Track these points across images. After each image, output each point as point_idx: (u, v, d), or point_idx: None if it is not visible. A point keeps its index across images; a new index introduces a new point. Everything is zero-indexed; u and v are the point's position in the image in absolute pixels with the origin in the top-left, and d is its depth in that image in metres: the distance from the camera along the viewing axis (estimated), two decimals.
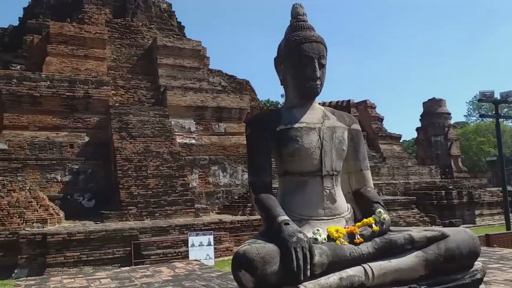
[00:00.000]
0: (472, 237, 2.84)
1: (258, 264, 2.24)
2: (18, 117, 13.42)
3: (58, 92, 13.85)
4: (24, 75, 13.55)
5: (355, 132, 3.10)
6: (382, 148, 24.47)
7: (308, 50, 2.89)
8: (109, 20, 18.79)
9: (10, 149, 13.05)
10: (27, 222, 9.16)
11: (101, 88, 14.50)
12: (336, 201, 2.85)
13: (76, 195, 13.35)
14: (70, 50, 15.67)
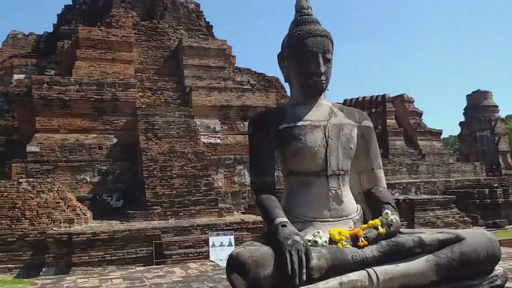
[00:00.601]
0: (490, 240, 2.69)
1: (251, 267, 2.19)
2: (49, 120, 13.97)
3: (87, 95, 14.31)
4: (54, 80, 14.09)
5: (366, 129, 2.98)
6: (421, 145, 23.73)
7: (311, 45, 2.80)
8: (136, 23, 19.23)
9: (42, 152, 13.62)
10: (55, 222, 9.53)
11: (128, 91, 14.87)
12: (342, 202, 2.76)
13: (104, 196, 13.77)
14: (98, 54, 16.16)
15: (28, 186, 9.94)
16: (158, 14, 25.27)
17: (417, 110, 24.80)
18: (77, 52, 15.85)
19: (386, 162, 19.33)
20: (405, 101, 24.46)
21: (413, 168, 20.02)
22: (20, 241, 8.89)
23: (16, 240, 8.86)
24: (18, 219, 9.16)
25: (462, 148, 28.50)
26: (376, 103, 22.52)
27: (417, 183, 19.06)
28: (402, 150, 21.25)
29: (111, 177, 14.13)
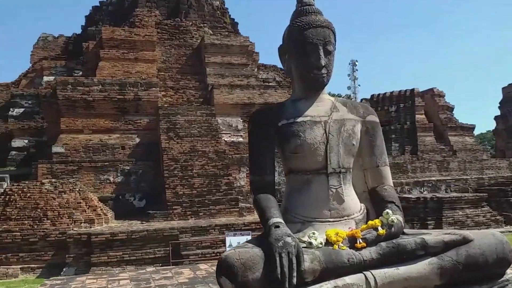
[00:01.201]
0: (501, 241, 2.54)
1: (239, 270, 2.14)
2: (73, 121, 14.38)
3: (110, 95, 14.64)
4: (78, 81, 14.49)
5: (371, 124, 2.88)
6: (452, 141, 22.97)
7: (311, 37, 2.72)
8: (159, 22, 19.49)
9: (66, 152, 14.04)
10: (75, 222, 9.80)
11: (150, 90, 15.10)
12: (344, 201, 2.68)
13: (127, 195, 14.05)
14: (121, 54, 16.49)
15: (50, 187, 10.27)
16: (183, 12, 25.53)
17: (448, 104, 24.00)
18: (100, 53, 16.24)
19: (414, 159, 18.83)
20: (435, 95, 23.71)
21: (443, 165, 19.39)
22: (42, 241, 9.19)
23: (38, 240, 9.17)
24: (40, 219, 9.48)
25: (498, 144, 27.36)
26: (404, 98, 21.93)
27: (448, 180, 18.45)
28: (432, 147, 20.64)
29: (134, 177, 14.40)
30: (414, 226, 13.08)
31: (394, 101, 22.36)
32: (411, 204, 13.40)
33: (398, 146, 20.87)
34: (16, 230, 9.15)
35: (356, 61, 42.13)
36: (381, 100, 23.89)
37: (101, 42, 16.71)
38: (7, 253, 8.93)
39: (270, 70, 35.10)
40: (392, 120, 22.11)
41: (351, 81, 41.52)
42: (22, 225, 9.25)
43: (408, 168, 18.52)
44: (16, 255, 8.98)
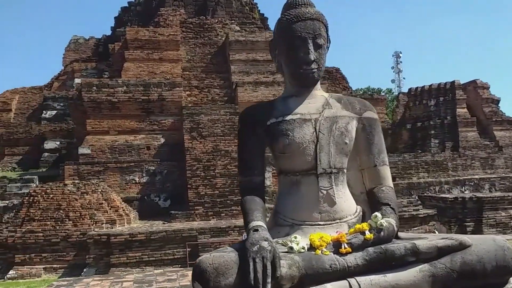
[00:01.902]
0: (502, 247, 2.40)
1: (211, 275, 2.11)
2: (99, 122, 14.80)
3: (134, 96, 14.96)
4: (103, 82, 14.90)
5: (368, 121, 2.78)
6: (498, 136, 21.87)
7: (300, 30, 2.65)
8: (183, 20, 19.73)
9: (93, 153, 14.48)
10: (97, 223, 10.08)
11: (173, 90, 15.32)
12: (335, 203, 2.61)
13: (152, 196, 14.32)
14: (146, 54, 16.82)
15: (73, 188, 10.61)
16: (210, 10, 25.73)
17: (493, 97, 22.89)
18: (125, 54, 16.62)
19: (456, 156, 18.13)
20: (479, 88, 22.64)
21: (487, 162, 18.55)
22: (63, 241, 9.51)
23: (60, 241, 9.49)
24: (62, 220, 9.81)
25: None
26: (444, 91, 21.11)
27: (492, 179, 17.62)
28: (475, 142, 19.78)
29: (159, 177, 14.66)
30: (452, 228, 12.63)
31: (433, 95, 21.58)
32: (448, 204, 12.94)
33: (438, 143, 20.14)
34: (39, 230, 9.51)
35: (400, 53, 40.87)
36: (419, 94, 23.15)
37: (126, 43, 17.11)
38: (30, 253, 9.31)
39: None
40: (431, 115, 21.35)
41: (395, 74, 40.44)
42: (45, 226, 9.61)
43: (449, 166, 17.85)
44: (39, 255, 9.34)
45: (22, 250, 9.31)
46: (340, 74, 38.34)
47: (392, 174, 13.98)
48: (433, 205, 13.55)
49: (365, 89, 51.00)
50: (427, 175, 17.75)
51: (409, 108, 23.07)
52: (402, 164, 17.98)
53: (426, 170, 17.96)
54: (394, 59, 40.41)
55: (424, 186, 16.36)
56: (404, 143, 22.52)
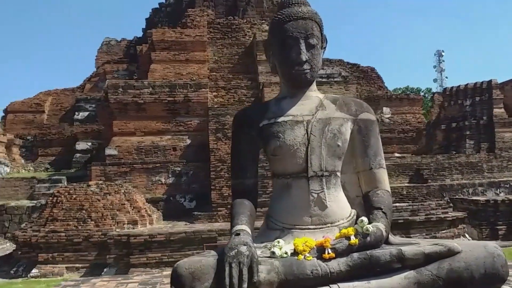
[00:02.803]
0: (491, 254, 2.32)
1: (186, 280, 2.13)
2: (125, 124, 15.13)
3: (160, 97, 15.20)
4: (129, 84, 15.22)
5: (364, 123, 2.74)
6: None
7: (292, 30, 2.64)
8: (211, 21, 19.90)
9: (119, 154, 14.81)
10: (118, 223, 10.27)
11: (199, 91, 15.47)
12: (327, 207, 2.58)
13: (178, 196, 14.50)
14: (172, 55, 17.07)
15: (96, 189, 10.86)
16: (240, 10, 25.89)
17: None
18: (152, 55, 16.93)
19: (491, 157, 17.46)
20: None
21: None
22: (85, 241, 9.73)
23: (82, 241, 9.71)
24: (84, 221, 10.05)
25: None
26: (481, 90, 20.38)
27: None
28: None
29: (185, 178, 14.83)
30: (483, 232, 12.18)
31: (469, 94, 20.91)
32: (480, 207, 12.51)
33: (473, 144, 19.51)
34: (61, 230, 9.77)
35: (442, 51, 39.73)
36: (455, 94, 22.48)
37: (152, 44, 17.42)
38: (53, 253, 9.57)
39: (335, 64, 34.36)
40: (467, 115, 20.72)
41: (437, 73, 39.29)
42: (67, 226, 9.87)
43: (484, 168, 17.22)
44: (61, 254, 9.59)
45: (45, 249, 9.59)
46: (375, 73, 37.73)
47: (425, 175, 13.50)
48: (465, 208, 13.14)
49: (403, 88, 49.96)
50: (461, 176, 17.19)
51: (444, 108, 22.47)
52: (434, 165, 17.49)
53: (460, 172, 17.40)
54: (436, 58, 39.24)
55: (457, 188, 15.87)
56: (438, 144, 21.91)
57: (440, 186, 16.06)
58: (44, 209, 10.65)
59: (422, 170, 17.68)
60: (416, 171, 17.99)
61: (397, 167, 18.62)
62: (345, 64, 36.33)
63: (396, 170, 18.49)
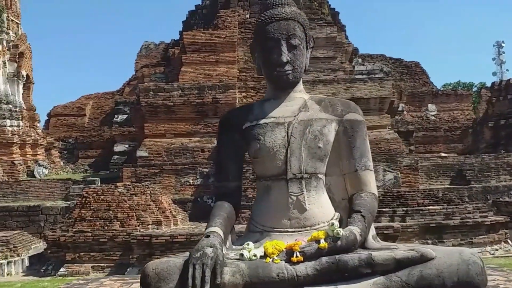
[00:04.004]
0: (466, 261, 2.26)
1: (152, 280, 2.23)
2: (156, 126, 15.61)
3: (189, 99, 15.56)
4: (159, 87, 15.69)
5: (350, 123, 2.71)
6: None
7: (273, 31, 2.66)
8: (242, 21, 20.08)
9: (150, 156, 15.30)
10: (142, 224, 10.63)
11: (227, 92, 15.71)
12: (306, 210, 2.59)
13: (205, 198, 14.76)
14: (202, 57, 17.41)
15: (123, 190, 11.29)
16: None
17: None
18: (182, 58, 17.34)
19: None
20: None
21: None
22: (110, 241, 10.15)
23: (107, 241, 10.14)
24: (110, 221, 10.48)
25: None
26: None
27: None
28: None
29: (212, 179, 15.08)
30: None
31: None
32: None
33: None
34: (88, 230, 10.25)
35: (502, 42, 37.44)
36: (504, 88, 21.50)
37: (184, 47, 17.83)
38: (80, 252, 10.05)
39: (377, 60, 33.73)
40: None
41: (497, 65, 37.24)
42: (94, 226, 10.34)
43: None
44: (87, 254, 10.06)
45: (72, 249, 10.08)
46: (420, 68, 36.58)
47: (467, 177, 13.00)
48: (509, 212, 12.51)
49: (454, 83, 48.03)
50: (509, 178, 16.41)
51: (492, 104, 21.50)
52: (479, 166, 16.80)
53: (509, 173, 16.61)
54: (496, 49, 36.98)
55: (503, 190, 15.14)
56: (486, 143, 21.01)
57: (483, 188, 15.40)
58: (73, 209, 11.19)
59: (465, 170, 17.04)
60: (458, 171, 17.36)
61: (437, 168, 18.04)
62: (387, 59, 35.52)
63: (436, 171, 17.92)
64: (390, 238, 10.42)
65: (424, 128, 27.82)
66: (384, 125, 17.11)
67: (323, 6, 26.21)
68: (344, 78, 17.32)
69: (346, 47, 20.71)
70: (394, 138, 16.86)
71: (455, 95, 31.46)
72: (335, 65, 18.54)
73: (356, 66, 22.03)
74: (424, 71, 35.10)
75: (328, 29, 19.17)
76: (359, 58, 26.21)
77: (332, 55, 18.75)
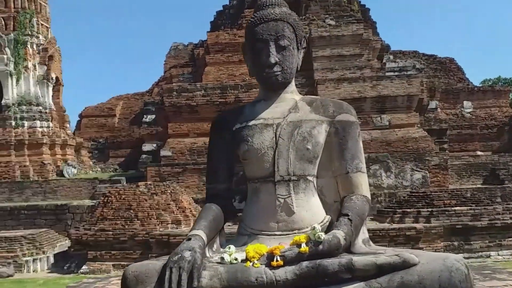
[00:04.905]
0: (449, 268, 2.19)
1: (130, 283, 2.25)
2: (179, 126, 15.83)
3: (212, 99, 15.71)
4: (183, 87, 15.91)
5: (342, 124, 2.66)
6: None
7: (261, 32, 2.64)
8: None
9: (173, 156, 15.53)
10: (162, 223, 10.80)
11: (250, 92, 15.74)
12: (294, 212, 2.56)
13: None
14: (226, 57, 17.52)
15: (144, 189, 11.51)
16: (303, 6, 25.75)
17: None
18: (206, 58, 17.50)
19: None
20: None
21: None
22: (131, 240, 10.37)
23: (128, 240, 10.37)
24: (131, 220, 10.71)
25: None
26: None
27: None
28: None
29: (235, 178, 15.02)
30: None
31: None
32: None
33: None
34: (109, 229, 10.50)
35: None
36: None
37: (207, 47, 18.00)
38: (101, 250, 10.32)
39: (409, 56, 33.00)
40: None
41: None
42: (115, 225, 10.59)
43: None
44: (108, 252, 10.31)
45: (94, 247, 10.36)
46: (455, 64, 35.52)
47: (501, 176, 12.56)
48: None
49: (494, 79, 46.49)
50: None
51: None
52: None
53: None
54: None
55: None
56: None
57: None
58: (96, 208, 11.49)
59: (499, 170, 16.46)
60: (491, 171, 16.80)
61: (468, 167, 17.52)
62: (420, 55, 34.64)
63: (468, 170, 17.41)
64: (412, 240, 10.19)
65: (459, 126, 27.04)
66: (412, 124, 16.73)
67: (353, 3, 25.87)
68: (370, 76, 17.04)
69: (373, 44, 20.34)
70: (423, 137, 16.46)
71: (492, 91, 30.44)
72: (362, 62, 18.26)
73: (387, 63, 21.61)
74: (459, 67, 34.06)
75: (354, 26, 18.88)
76: (391, 55, 25.70)
77: (359, 52, 18.46)
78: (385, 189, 15.02)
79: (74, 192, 15.52)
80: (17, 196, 15.69)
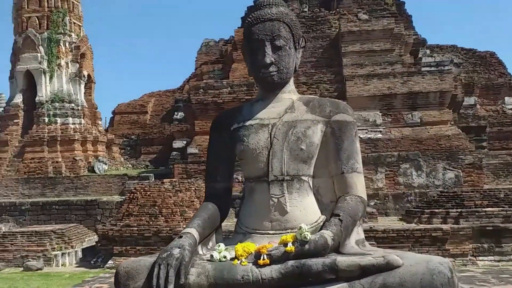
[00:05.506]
0: (431, 271, 2.19)
1: (121, 278, 2.35)
2: (206, 123, 15.96)
3: (238, 96, 15.78)
4: (209, 85, 16.06)
5: (338, 125, 2.69)
6: None
7: (257, 32, 2.68)
8: (297, 15, 19.96)
9: (200, 153, 15.71)
10: (186, 220, 10.99)
11: None
12: (287, 212, 2.61)
13: None
14: None
15: (169, 186, 11.75)
16: (335, 0, 25.47)
17: None
18: (233, 54, 17.58)
19: None
20: None
21: None
22: (155, 236, 10.63)
23: (152, 235, 10.63)
24: (156, 216, 10.97)
25: None
26: None
27: None
28: None
29: None
30: None
31: None
32: None
33: None
34: (134, 225, 10.80)
35: None
36: None
37: (235, 44, 18.07)
38: (126, 246, 10.63)
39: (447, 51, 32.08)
40: None
41: None
42: (140, 221, 10.87)
43: None
44: (133, 248, 10.61)
45: (119, 242, 10.69)
46: (495, 58, 34.27)
47: None
48: None
49: None
50: None
51: None
52: None
53: None
54: None
55: None
56: None
57: None
58: (123, 204, 11.80)
59: None
60: None
61: (506, 166, 16.93)
62: (459, 50, 33.56)
63: (505, 170, 16.82)
64: (438, 241, 9.97)
65: (500, 123, 26.10)
66: (445, 121, 16.29)
67: None
68: (401, 72, 16.67)
69: (406, 38, 19.88)
70: (456, 134, 15.99)
71: None
72: (393, 57, 17.88)
73: (424, 58, 21.09)
74: (500, 61, 32.80)
75: (385, 20, 18.50)
76: (427, 50, 25.06)
77: (390, 47, 18.08)
78: (416, 188, 14.70)
79: (104, 188, 15.97)
80: (50, 191, 16.29)
